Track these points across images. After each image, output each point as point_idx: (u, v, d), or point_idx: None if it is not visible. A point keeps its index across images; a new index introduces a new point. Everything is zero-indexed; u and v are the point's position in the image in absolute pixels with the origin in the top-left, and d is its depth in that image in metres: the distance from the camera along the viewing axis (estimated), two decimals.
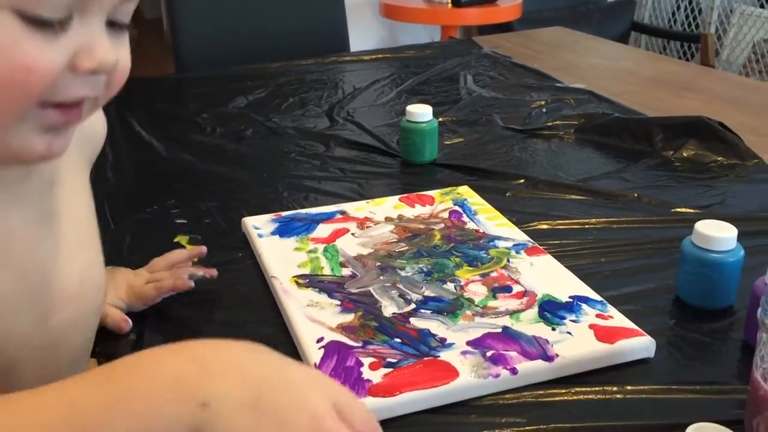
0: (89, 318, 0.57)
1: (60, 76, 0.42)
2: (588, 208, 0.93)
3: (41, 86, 0.42)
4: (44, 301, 0.51)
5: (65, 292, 0.53)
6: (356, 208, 0.89)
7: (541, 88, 1.40)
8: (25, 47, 0.41)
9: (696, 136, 1.08)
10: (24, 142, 0.44)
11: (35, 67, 0.41)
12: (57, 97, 0.43)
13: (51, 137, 0.45)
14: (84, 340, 0.58)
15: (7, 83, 0.41)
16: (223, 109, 1.31)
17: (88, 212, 0.57)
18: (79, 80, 0.43)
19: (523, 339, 0.64)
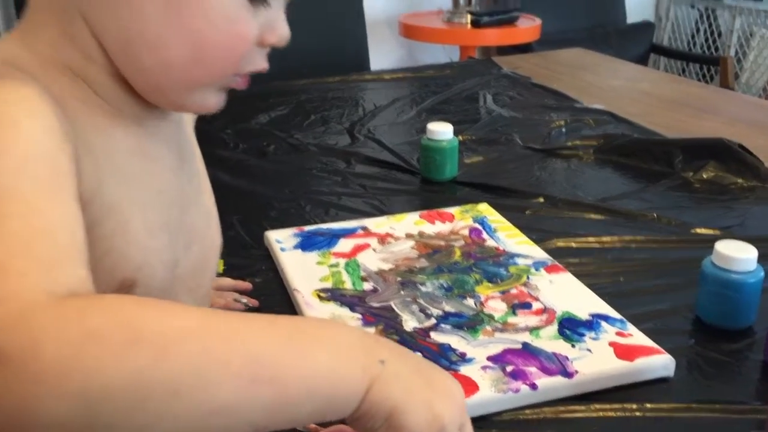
0: (213, 259, 0.61)
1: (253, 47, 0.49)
2: (607, 227, 0.94)
3: (245, 55, 0.48)
4: (184, 232, 0.55)
5: (197, 228, 0.57)
6: (377, 224, 0.91)
7: (561, 109, 1.41)
8: (243, 17, 0.47)
9: (716, 157, 1.09)
10: (202, 99, 0.50)
11: (246, 37, 0.48)
12: (246, 67, 0.50)
13: (220, 96, 0.51)
14: (210, 281, 0.61)
15: (223, 51, 0.48)
16: (246, 125, 1.33)
17: (202, 163, 0.61)
18: (259, 52, 0.50)
19: (543, 355, 0.65)
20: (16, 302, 0.33)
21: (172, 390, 0.33)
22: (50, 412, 0.31)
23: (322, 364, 0.37)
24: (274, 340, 0.37)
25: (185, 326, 0.35)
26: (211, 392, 0.33)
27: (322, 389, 0.37)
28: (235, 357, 0.35)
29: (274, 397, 0.35)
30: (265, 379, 0.35)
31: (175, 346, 0.33)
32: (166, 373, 0.32)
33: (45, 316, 0.32)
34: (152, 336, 0.33)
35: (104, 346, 0.32)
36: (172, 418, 0.33)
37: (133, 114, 0.50)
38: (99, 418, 0.31)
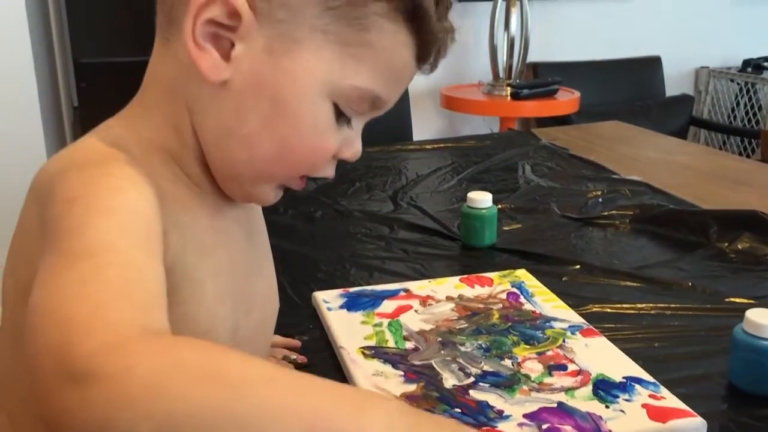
0: (271, 322, 0.67)
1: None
2: (642, 294, 0.96)
3: (322, 166, 0.54)
4: (247, 300, 0.60)
5: (258, 294, 0.63)
6: (419, 287, 0.95)
7: (598, 179, 1.45)
8: (329, 132, 0.53)
9: (750, 229, 1.11)
10: (263, 193, 0.56)
11: (328, 150, 0.53)
12: (316, 173, 0.55)
13: (279, 192, 0.57)
14: (268, 342, 0.66)
15: (305, 159, 0.53)
16: (295, 192, 1.39)
17: (266, 236, 0.67)
18: (331, 163, 0.55)
19: (578, 414, 0.68)
20: (113, 333, 0.37)
21: (242, 426, 0.35)
22: (136, 430, 0.34)
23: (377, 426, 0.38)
24: (338, 398, 0.39)
25: (261, 372, 0.38)
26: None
27: None
28: (299, 406, 0.37)
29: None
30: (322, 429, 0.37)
31: (250, 387, 0.36)
32: (241, 410, 0.35)
33: (140, 345, 0.36)
34: (233, 375, 0.37)
35: (191, 376, 0.36)
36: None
37: (212, 193, 0.57)
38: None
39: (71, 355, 0.36)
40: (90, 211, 0.43)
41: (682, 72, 3.33)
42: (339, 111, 0.52)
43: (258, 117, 0.51)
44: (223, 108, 0.52)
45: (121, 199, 0.45)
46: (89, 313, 0.38)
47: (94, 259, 0.41)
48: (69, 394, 0.35)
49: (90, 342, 0.36)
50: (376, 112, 0.55)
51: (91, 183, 0.46)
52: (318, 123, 0.52)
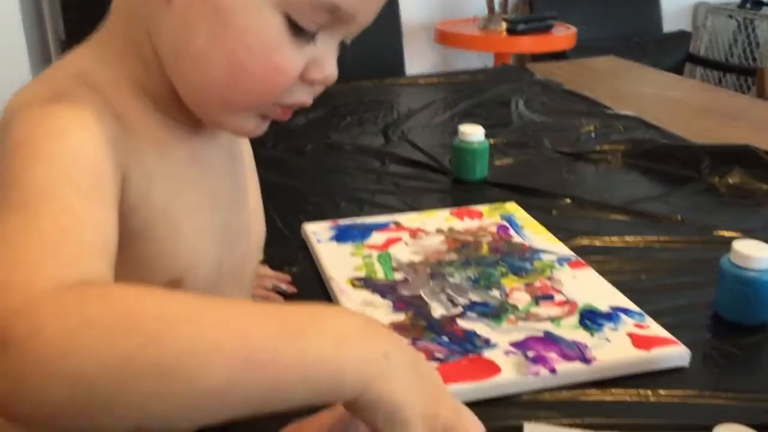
0: (257, 253, 0.65)
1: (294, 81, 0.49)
2: (631, 228, 0.97)
3: (283, 88, 0.49)
4: (231, 233, 0.58)
5: (243, 227, 0.61)
6: (409, 219, 0.95)
7: (591, 114, 1.44)
8: (284, 50, 0.48)
9: (742, 163, 1.11)
10: (239, 123, 0.52)
11: (285, 70, 0.48)
12: (286, 99, 0.50)
13: (260, 122, 0.52)
14: (253, 273, 0.65)
15: (260, 80, 0.48)
16: (284, 126, 1.37)
17: (251, 161, 0.65)
18: (303, 88, 0.50)
19: (563, 342, 0.68)
20: (23, 292, 0.35)
21: (165, 373, 0.34)
22: (48, 393, 0.33)
23: (321, 352, 0.37)
24: (270, 326, 0.37)
25: (180, 312, 0.36)
26: (202, 375, 0.34)
27: (319, 377, 0.37)
28: (228, 341, 0.35)
29: (267, 381, 0.36)
30: (258, 362, 0.35)
31: (167, 332, 0.35)
32: (157, 357, 0.34)
33: (47, 306, 0.35)
34: (146, 322, 0.35)
35: (99, 332, 0.34)
36: (165, 400, 0.34)
37: (189, 124, 0.54)
38: (94, 398, 0.33)
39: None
40: (30, 158, 0.42)
41: (680, 7, 3.27)
42: (296, 26, 0.47)
43: (204, 33, 0.47)
44: (172, 26, 0.48)
45: (64, 143, 0.43)
46: (5, 275, 0.36)
47: (27, 210, 0.39)
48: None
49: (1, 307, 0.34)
50: (346, 28, 0.50)
51: (35, 126, 0.44)
52: (267, 37, 0.47)
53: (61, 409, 0.33)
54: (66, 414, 0.34)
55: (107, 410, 0.34)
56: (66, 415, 0.34)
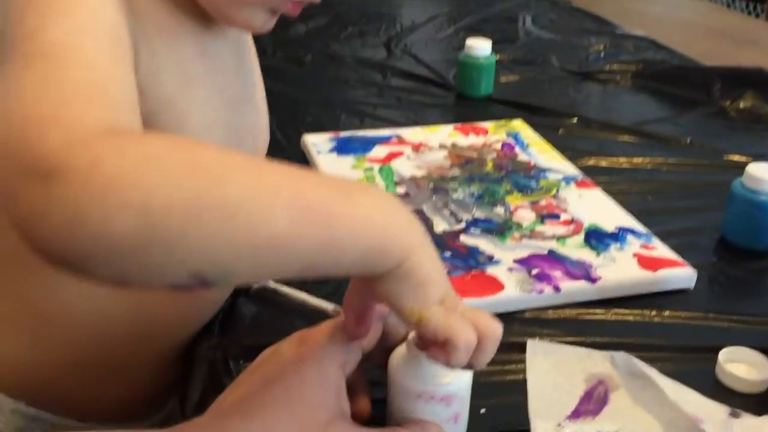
0: (262, 153, 0.64)
1: None
2: (639, 149, 0.94)
3: None
4: (238, 131, 0.57)
5: (249, 126, 0.60)
6: (412, 134, 0.92)
7: (601, 33, 1.39)
8: None
9: (754, 87, 1.08)
10: (248, 17, 0.50)
11: None
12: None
13: (269, 17, 0.51)
14: None
15: None
16: (283, 33, 1.33)
17: (255, 55, 0.63)
18: None
19: (568, 261, 0.67)
20: (76, 128, 0.34)
21: (228, 213, 0.33)
22: (111, 225, 0.31)
23: (371, 214, 0.38)
24: (322, 184, 0.38)
25: (240, 161, 0.36)
26: (264, 221, 0.34)
27: (369, 239, 0.37)
28: (286, 190, 0.35)
29: (323, 235, 0.36)
30: (315, 213, 0.36)
31: (231, 175, 0.34)
32: (222, 199, 0.33)
33: (107, 139, 0.34)
34: (210, 164, 0.34)
35: (164, 168, 0.33)
36: (225, 242, 0.33)
37: (197, 17, 0.52)
38: (157, 235, 0.32)
39: (34, 153, 0.33)
40: (47, 13, 0.39)
41: None
42: None
43: None
44: None
45: (81, 2, 0.41)
46: (51, 111, 0.35)
47: (54, 59, 0.37)
48: (35, 193, 0.32)
49: (52, 138, 0.33)
50: None
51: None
52: None
53: (120, 242, 0.32)
54: (125, 249, 0.32)
55: (168, 249, 0.32)
56: (124, 250, 0.32)
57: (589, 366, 0.56)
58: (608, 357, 0.57)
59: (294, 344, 0.46)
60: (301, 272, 0.37)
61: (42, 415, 0.59)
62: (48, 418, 0.59)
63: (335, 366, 0.44)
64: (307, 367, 0.43)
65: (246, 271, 0.36)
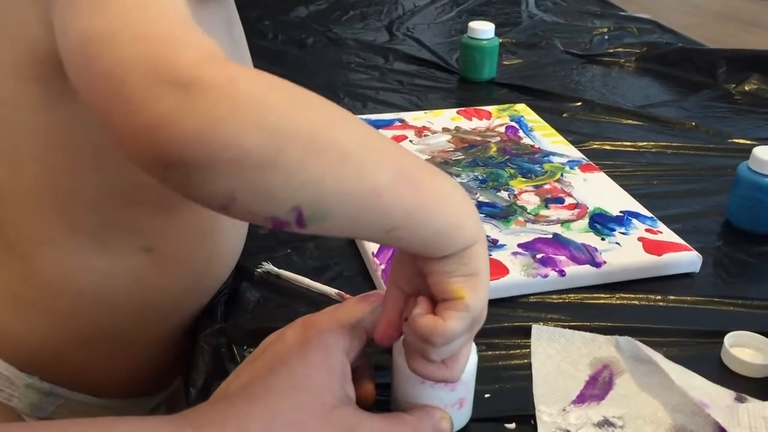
0: None
1: None
2: (644, 133, 0.94)
3: None
4: None
5: None
6: (414, 118, 0.91)
7: (604, 16, 1.38)
8: None
9: (760, 70, 1.07)
10: None
11: None
12: None
13: None
14: None
15: None
16: (284, 17, 1.32)
17: (242, 30, 0.63)
18: None
19: (573, 245, 0.67)
20: (204, 49, 0.35)
21: (344, 155, 0.36)
22: (241, 137, 0.33)
23: (453, 197, 0.41)
24: (415, 156, 0.41)
25: (346, 113, 0.38)
26: (371, 170, 0.37)
27: (450, 216, 0.40)
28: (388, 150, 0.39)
29: (414, 200, 0.38)
30: (411, 179, 0.38)
31: (348, 122, 0.38)
32: (341, 141, 0.36)
33: (234, 64, 0.35)
34: (330, 106, 0.37)
35: (292, 100, 0.36)
36: (335, 182, 0.36)
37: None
38: (281, 157, 0.34)
39: (170, 64, 0.34)
40: None
41: None
42: None
43: None
44: None
45: None
46: (171, 31, 0.35)
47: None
48: (169, 100, 0.33)
49: (187, 53, 0.34)
50: None
51: None
52: None
53: (247, 156, 0.33)
54: (249, 164, 0.34)
55: (286, 174, 0.34)
56: (248, 165, 0.34)
57: (593, 350, 0.56)
58: (613, 341, 0.57)
59: (298, 329, 0.46)
60: (385, 234, 0.38)
61: (56, 390, 0.60)
62: (62, 392, 0.60)
63: (340, 351, 0.44)
64: (311, 353, 0.43)
65: (341, 217, 0.37)
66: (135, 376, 0.63)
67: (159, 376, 0.66)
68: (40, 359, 0.58)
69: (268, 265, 0.64)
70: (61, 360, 0.58)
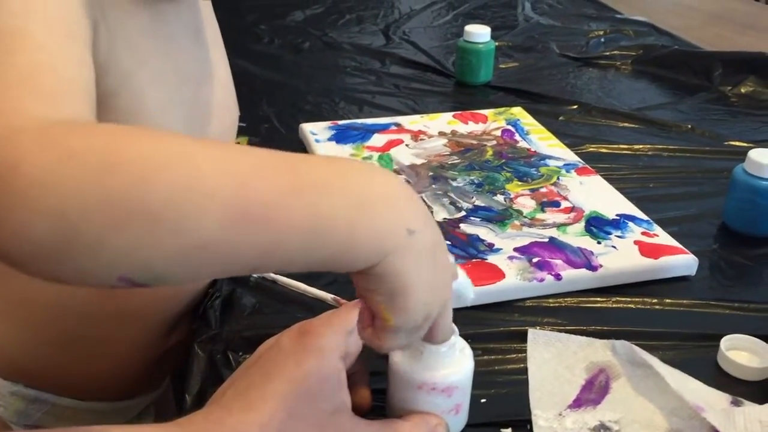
0: (231, 132, 0.63)
1: None
2: (640, 135, 0.94)
3: None
4: (201, 109, 0.56)
5: (214, 103, 0.58)
6: (411, 122, 0.91)
7: (600, 19, 1.38)
8: None
9: (756, 72, 1.07)
10: None
11: None
12: None
13: None
14: None
15: None
16: (280, 21, 1.32)
17: (218, 31, 0.62)
18: None
19: (569, 249, 0.67)
20: (8, 123, 0.33)
21: (152, 219, 0.31)
22: (30, 231, 0.31)
23: (335, 214, 0.34)
24: (280, 178, 0.34)
25: (173, 154, 0.33)
26: (193, 225, 0.32)
27: (330, 242, 0.34)
28: (224, 189, 0.32)
29: (267, 239, 0.33)
30: (258, 217, 0.33)
31: (156, 174, 0.32)
32: (145, 200, 0.31)
33: (29, 137, 0.32)
34: (135, 161, 0.32)
35: (83, 168, 0.31)
36: (153, 247, 0.32)
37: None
38: (78, 240, 0.31)
39: None
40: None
41: None
42: None
43: None
44: None
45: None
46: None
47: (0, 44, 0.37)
48: None
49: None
50: None
51: None
52: None
53: (43, 247, 0.31)
54: (49, 254, 0.31)
55: (91, 254, 0.31)
56: (49, 255, 0.31)
57: (590, 355, 0.56)
58: (609, 345, 0.56)
59: (293, 336, 0.46)
60: (254, 270, 0.35)
61: (42, 396, 0.59)
62: (48, 398, 0.60)
63: (336, 357, 0.44)
64: (306, 359, 0.43)
65: (179, 274, 0.34)
66: (119, 377, 0.63)
67: (143, 376, 0.66)
68: (23, 366, 0.58)
69: None
70: (43, 365, 0.58)
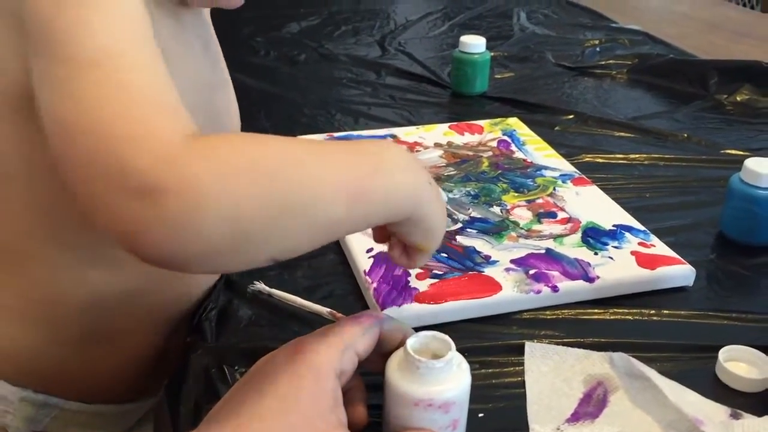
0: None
1: None
2: (636, 145, 0.94)
3: None
4: (214, 116, 0.59)
5: (223, 111, 0.61)
6: (406, 133, 0.91)
7: (596, 28, 1.39)
8: None
9: (751, 80, 1.07)
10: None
11: None
12: None
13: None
14: None
15: None
16: (276, 33, 1.33)
17: (219, 46, 0.64)
18: None
19: (566, 260, 0.66)
20: (161, 143, 0.36)
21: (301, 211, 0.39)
22: (208, 237, 0.36)
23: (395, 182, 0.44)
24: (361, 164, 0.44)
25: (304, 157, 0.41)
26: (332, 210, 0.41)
27: (395, 203, 0.45)
28: (342, 181, 0.42)
29: (367, 209, 0.43)
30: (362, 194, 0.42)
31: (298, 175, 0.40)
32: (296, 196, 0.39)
33: (190, 152, 0.37)
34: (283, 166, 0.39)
35: (247, 179, 0.37)
36: (298, 234, 0.40)
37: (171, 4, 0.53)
38: (246, 237, 0.37)
39: (129, 172, 0.35)
40: (83, 9, 0.39)
41: None
42: None
43: None
44: None
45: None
46: (129, 126, 0.37)
47: (103, 68, 0.38)
48: (133, 211, 0.35)
49: (144, 156, 0.36)
50: None
51: None
52: None
53: (216, 247, 0.37)
54: (220, 252, 0.38)
55: (259, 246, 0.39)
56: (220, 253, 0.38)
57: (587, 367, 0.56)
58: (607, 358, 0.56)
59: (289, 352, 0.45)
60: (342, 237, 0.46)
61: (50, 401, 0.60)
62: (56, 402, 0.60)
63: (331, 374, 0.43)
64: (302, 376, 0.43)
65: (309, 249, 0.42)
66: (125, 376, 0.64)
67: (146, 376, 0.67)
68: (35, 369, 0.58)
69: (259, 284, 0.64)
70: (56, 366, 0.59)
